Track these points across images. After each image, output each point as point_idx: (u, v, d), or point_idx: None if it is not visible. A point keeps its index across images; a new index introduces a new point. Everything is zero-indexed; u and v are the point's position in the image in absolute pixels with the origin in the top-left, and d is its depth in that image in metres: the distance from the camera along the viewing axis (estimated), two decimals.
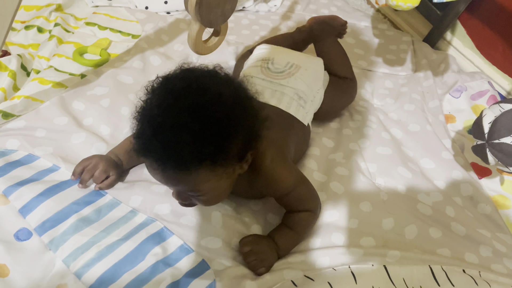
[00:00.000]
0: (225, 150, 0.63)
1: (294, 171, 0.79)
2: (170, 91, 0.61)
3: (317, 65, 0.99)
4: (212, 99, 0.61)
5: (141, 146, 0.62)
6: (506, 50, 1.22)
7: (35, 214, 0.73)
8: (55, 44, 1.12)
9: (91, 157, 0.81)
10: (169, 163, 0.61)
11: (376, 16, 1.51)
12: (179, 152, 0.60)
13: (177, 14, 1.31)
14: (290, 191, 0.76)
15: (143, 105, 0.63)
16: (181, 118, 0.59)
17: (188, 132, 0.59)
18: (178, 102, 0.60)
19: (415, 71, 1.26)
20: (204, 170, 0.63)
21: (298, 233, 0.78)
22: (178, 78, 0.64)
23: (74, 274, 0.68)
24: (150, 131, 0.60)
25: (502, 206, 0.93)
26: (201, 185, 0.65)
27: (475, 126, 0.86)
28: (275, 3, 1.44)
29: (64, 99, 0.94)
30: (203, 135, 0.60)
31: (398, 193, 0.91)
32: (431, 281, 0.73)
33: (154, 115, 0.60)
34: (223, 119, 0.61)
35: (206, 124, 0.59)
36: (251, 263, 0.73)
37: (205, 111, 0.60)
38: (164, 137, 0.59)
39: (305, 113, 0.91)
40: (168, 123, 0.59)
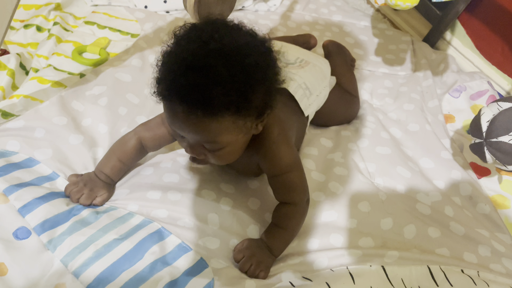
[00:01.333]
0: (250, 99, 0.62)
1: (295, 153, 0.79)
2: (199, 35, 0.61)
3: (324, 64, 1.01)
4: (242, 44, 0.61)
5: (166, 87, 0.61)
6: (505, 50, 1.22)
7: (35, 214, 0.73)
8: (54, 43, 1.11)
9: (78, 180, 0.80)
10: (196, 105, 0.60)
11: (375, 15, 1.51)
12: (207, 94, 0.58)
13: (176, 13, 1.31)
14: (285, 172, 0.75)
15: (170, 49, 0.63)
16: (211, 61, 0.58)
17: (217, 75, 0.58)
18: (209, 45, 0.59)
19: (414, 71, 1.26)
20: (227, 118, 0.62)
21: (286, 229, 0.78)
22: (207, 25, 0.63)
23: (72, 273, 0.68)
24: (179, 71, 0.59)
25: (501, 206, 0.93)
26: (221, 135, 0.64)
27: (473, 124, 0.86)
28: (274, 2, 1.44)
29: (63, 99, 0.94)
30: (232, 80, 0.59)
31: (397, 192, 0.91)
32: (429, 281, 0.73)
33: (183, 56, 0.59)
34: (252, 67, 0.60)
35: (235, 70, 0.59)
36: (248, 270, 0.73)
37: (235, 56, 0.59)
38: (193, 78, 0.58)
39: (308, 104, 0.91)
40: (197, 64, 0.58)
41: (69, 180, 0.80)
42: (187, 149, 0.69)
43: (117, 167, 0.81)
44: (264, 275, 0.73)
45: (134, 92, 1.00)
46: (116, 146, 0.83)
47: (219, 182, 0.85)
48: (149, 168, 0.86)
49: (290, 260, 0.76)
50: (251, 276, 0.73)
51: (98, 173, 0.81)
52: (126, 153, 0.81)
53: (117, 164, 0.81)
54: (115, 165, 0.81)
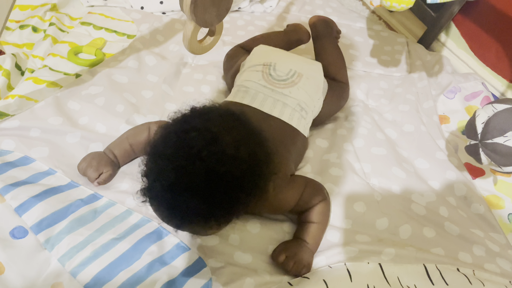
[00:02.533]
0: (232, 213, 0.63)
1: (296, 185, 0.79)
2: (186, 147, 0.58)
3: (317, 72, 0.99)
4: (229, 167, 0.57)
5: (148, 195, 0.61)
6: (499, 52, 1.22)
7: (31, 213, 0.73)
8: (49, 44, 1.11)
9: (85, 156, 0.82)
10: (174, 220, 0.61)
11: (371, 17, 1.51)
12: (187, 215, 0.59)
13: (173, 14, 1.31)
14: (298, 200, 0.77)
15: (156, 150, 0.61)
16: (194, 183, 0.57)
17: (199, 199, 0.57)
18: (194, 164, 0.56)
19: (409, 72, 1.27)
20: (208, 226, 0.63)
21: (320, 223, 0.79)
22: (195, 130, 0.59)
23: (70, 273, 0.68)
24: (160, 188, 0.58)
25: (496, 206, 0.94)
26: (205, 231, 0.68)
27: (468, 126, 0.87)
28: (270, 4, 1.45)
29: (59, 99, 0.94)
30: (214, 204, 0.58)
31: (392, 193, 0.91)
32: (425, 279, 0.73)
33: (167, 171, 0.57)
34: (237, 189, 0.59)
35: (218, 194, 0.58)
36: (292, 269, 0.73)
37: (219, 181, 0.57)
38: (174, 199, 0.58)
39: (306, 124, 0.91)
40: (179, 185, 0.57)
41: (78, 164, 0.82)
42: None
43: (127, 151, 0.83)
44: (307, 270, 0.74)
45: (131, 92, 1.00)
46: (129, 132, 0.85)
47: None
48: None
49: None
50: (296, 274, 0.73)
51: (107, 152, 0.83)
52: (138, 142, 0.83)
53: (128, 148, 0.83)
54: (125, 149, 0.83)
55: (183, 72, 1.12)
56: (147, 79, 1.06)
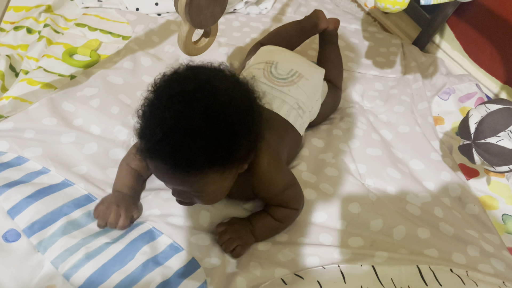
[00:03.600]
0: (235, 154, 0.63)
1: (287, 174, 0.80)
2: (181, 93, 0.60)
3: (318, 75, 0.99)
4: (225, 103, 0.60)
5: (149, 148, 0.61)
6: (493, 53, 1.23)
7: (24, 215, 0.73)
8: (44, 45, 1.11)
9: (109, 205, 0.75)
10: (179, 166, 0.60)
11: (366, 19, 1.52)
12: (191, 157, 0.59)
13: (168, 16, 1.31)
14: (280, 193, 0.77)
15: (150, 103, 0.62)
16: (194, 123, 0.58)
17: (201, 137, 0.58)
18: (190, 105, 0.58)
19: (404, 73, 1.27)
20: (212, 173, 0.63)
21: (278, 223, 0.79)
22: (186, 78, 0.62)
23: (63, 275, 0.68)
24: (161, 134, 0.58)
25: (490, 206, 0.94)
26: (207, 186, 0.65)
27: (461, 126, 0.87)
28: (266, 5, 1.45)
29: (54, 100, 0.94)
30: (216, 140, 0.59)
31: (387, 194, 0.91)
32: (418, 280, 0.74)
33: (165, 117, 0.58)
34: (235, 123, 0.61)
35: (219, 129, 0.59)
36: (225, 242, 0.74)
37: (218, 115, 0.59)
38: (176, 141, 0.58)
39: (302, 122, 0.92)
40: (180, 127, 0.58)
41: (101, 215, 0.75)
42: (174, 194, 0.70)
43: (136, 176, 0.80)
44: (239, 250, 0.74)
45: (127, 93, 1.00)
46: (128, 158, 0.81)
47: None
48: None
49: (282, 257, 0.77)
50: (226, 250, 0.74)
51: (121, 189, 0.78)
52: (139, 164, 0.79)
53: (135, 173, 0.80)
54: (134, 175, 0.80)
55: None
56: (143, 80, 1.06)
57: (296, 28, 1.12)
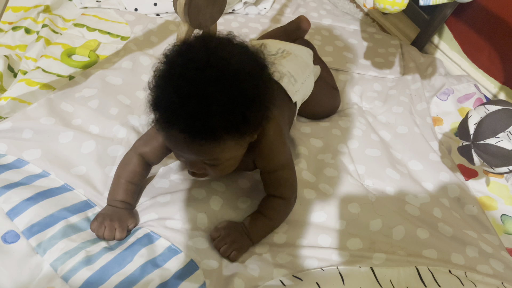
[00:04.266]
0: (250, 120, 0.63)
1: (289, 152, 0.81)
2: (194, 60, 0.60)
3: (306, 53, 1.01)
4: (237, 69, 0.60)
5: (165, 118, 0.61)
6: (492, 54, 1.23)
7: (23, 217, 0.72)
8: (42, 45, 1.11)
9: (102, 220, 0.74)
10: (198, 134, 0.60)
11: (365, 19, 1.52)
12: (209, 123, 0.59)
13: (167, 16, 1.31)
14: (279, 169, 0.78)
15: (163, 74, 0.62)
16: (209, 89, 0.58)
17: (217, 103, 0.58)
18: (204, 73, 0.58)
19: (403, 74, 1.28)
20: (229, 140, 0.63)
21: (270, 218, 0.79)
22: (197, 47, 0.62)
23: (62, 277, 0.68)
24: (177, 101, 0.58)
25: (489, 207, 0.94)
26: (223, 154, 0.66)
27: (460, 127, 0.87)
28: (264, 6, 1.45)
29: (52, 101, 0.93)
30: (231, 105, 0.59)
31: (386, 194, 0.91)
32: (417, 282, 0.74)
33: (180, 85, 0.58)
34: (249, 89, 0.61)
35: (233, 95, 0.59)
36: (221, 248, 0.74)
37: (231, 81, 0.59)
38: (192, 108, 0.58)
39: (294, 91, 0.92)
40: (195, 94, 0.58)
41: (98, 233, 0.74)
42: (188, 165, 0.70)
43: (129, 189, 0.79)
44: (235, 255, 0.74)
45: (126, 94, 1.00)
46: (120, 169, 0.80)
47: (210, 180, 0.85)
48: None
49: (281, 258, 0.76)
50: (223, 255, 0.74)
51: (114, 203, 0.77)
52: (132, 173, 0.78)
53: (129, 186, 0.79)
54: (127, 188, 0.78)
55: None
56: (142, 79, 1.05)
57: (280, 30, 1.17)
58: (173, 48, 0.64)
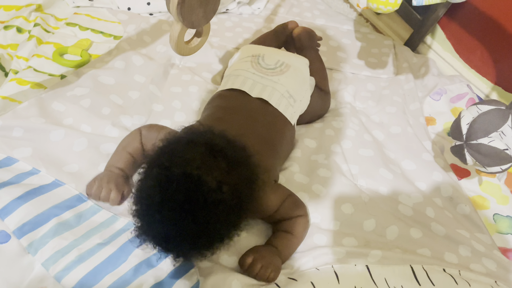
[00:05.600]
0: (225, 242, 0.66)
1: (279, 191, 0.80)
2: (171, 200, 0.60)
3: (304, 66, 1.01)
4: (215, 211, 0.61)
5: (144, 234, 0.65)
6: (484, 54, 1.24)
7: (14, 216, 0.71)
8: (34, 45, 1.10)
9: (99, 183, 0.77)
10: (170, 252, 0.67)
11: (358, 19, 1.52)
12: (182, 252, 0.65)
13: (160, 16, 1.30)
14: (279, 208, 0.77)
15: (144, 201, 0.63)
16: (185, 230, 0.61)
17: (193, 241, 0.62)
18: (181, 217, 0.60)
19: (396, 74, 1.28)
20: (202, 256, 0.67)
21: (295, 235, 0.78)
22: (176, 176, 0.60)
23: (54, 277, 0.67)
24: (154, 237, 0.64)
25: (481, 206, 0.95)
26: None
27: (453, 127, 0.88)
28: (258, 5, 1.45)
29: (43, 100, 0.92)
30: (208, 241, 0.63)
31: (379, 194, 0.91)
32: (411, 280, 0.74)
33: (158, 224, 0.61)
34: (224, 224, 0.63)
35: (210, 234, 0.62)
36: (259, 272, 0.71)
37: (208, 224, 0.61)
38: (168, 244, 0.64)
39: (293, 112, 0.92)
40: (171, 234, 0.61)
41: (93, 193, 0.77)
42: None
43: (129, 160, 0.81)
44: (274, 276, 0.72)
45: (118, 94, 0.99)
46: (124, 142, 0.83)
47: None
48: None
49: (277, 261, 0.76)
50: (261, 278, 0.71)
51: (112, 169, 0.80)
52: (135, 148, 0.81)
53: (129, 158, 0.81)
54: (127, 159, 0.81)
55: (171, 73, 1.12)
56: (134, 80, 1.05)
57: (269, 33, 1.18)
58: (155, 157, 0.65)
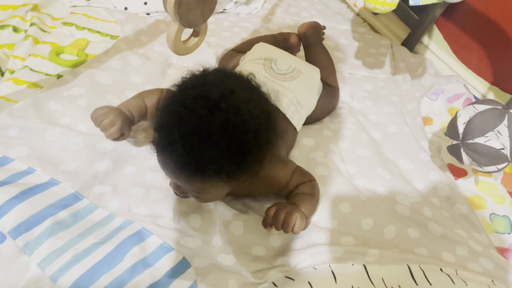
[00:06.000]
0: (244, 169, 0.63)
1: (288, 164, 0.82)
2: (205, 98, 0.59)
3: (315, 73, 1.01)
4: (245, 119, 0.60)
5: (163, 146, 0.62)
6: (481, 55, 1.24)
7: (9, 216, 0.71)
8: (30, 44, 1.09)
9: (108, 111, 0.80)
10: (188, 169, 0.61)
11: (356, 19, 1.52)
12: (201, 164, 0.60)
13: (157, 15, 1.30)
14: (288, 180, 0.79)
15: (174, 100, 0.62)
16: (212, 132, 0.58)
17: (215, 147, 0.59)
18: (212, 114, 0.58)
19: (393, 74, 1.28)
20: (218, 181, 0.63)
21: (311, 194, 0.80)
22: (213, 83, 0.62)
23: (50, 278, 0.67)
24: (178, 135, 0.59)
25: (478, 206, 0.95)
26: (209, 189, 0.67)
27: (450, 126, 0.88)
28: (256, 5, 1.45)
29: (39, 100, 0.92)
30: (229, 154, 0.60)
31: (377, 194, 0.91)
32: (409, 280, 0.74)
33: (185, 120, 0.59)
34: (250, 141, 0.61)
35: (234, 145, 0.59)
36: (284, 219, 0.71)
37: (236, 131, 0.59)
38: (191, 146, 0.59)
39: (299, 118, 0.93)
40: (197, 133, 0.58)
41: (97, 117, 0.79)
42: (173, 186, 0.72)
43: (142, 108, 0.84)
44: (301, 223, 0.72)
45: (115, 93, 0.99)
46: (146, 92, 0.87)
47: None
48: (132, 167, 0.86)
49: (274, 261, 0.76)
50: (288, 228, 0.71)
51: (123, 108, 0.82)
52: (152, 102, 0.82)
53: (142, 105, 0.84)
54: (140, 105, 0.84)
55: (168, 73, 1.12)
56: (131, 80, 1.05)
57: (269, 38, 1.16)
58: (191, 75, 0.64)
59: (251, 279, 0.72)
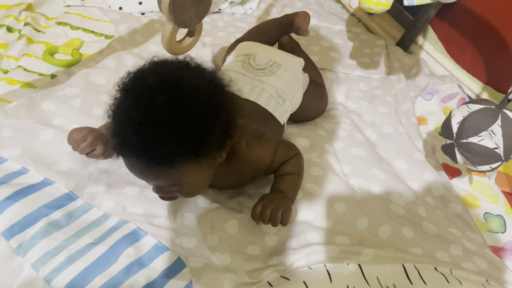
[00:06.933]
0: (207, 142, 0.63)
1: (268, 142, 0.80)
2: (146, 87, 0.61)
3: (297, 64, 1.01)
4: (189, 93, 0.61)
5: (121, 145, 0.61)
6: (475, 55, 1.25)
7: (2, 218, 0.71)
8: (24, 44, 1.09)
9: (82, 128, 0.81)
10: (152, 160, 0.61)
11: (350, 20, 1.53)
12: (163, 149, 0.59)
13: (152, 15, 1.30)
14: (272, 159, 0.78)
15: (118, 102, 0.63)
16: (161, 115, 0.59)
17: (169, 128, 0.59)
18: (156, 98, 0.59)
19: (388, 74, 1.28)
20: (188, 164, 0.63)
21: (296, 173, 0.80)
22: (151, 73, 0.63)
23: (44, 279, 0.66)
24: (130, 129, 0.59)
25: (472, 205, 0.95)
26: (185, 178, 0.66)
27: (444, 126, 0.88)
28: (251, 5, 1.45)
29: (33, 99, 0.92)
30: (185, 130, 0.60)
31: (372, 193, 0.92)
32: (404, 279, 0.74)
33: (132, 113, 0.59)
34: (202, 112, 0.61)
35: (186, 119, 0.60)
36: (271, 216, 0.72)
37: (183, 106, 0.60)
38: (146, 135, 0.59)
39: (282, 111, 0.92)
40: (148, 121, 0.59)
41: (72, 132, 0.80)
42: (154, 189, 0.71)
43: None
44: (286, 216, 0.72)
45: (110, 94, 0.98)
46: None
47: None
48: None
49: (270, 260, 0.76)
50: (275, 222, 0.72)
51: (103, 129, 0.81)
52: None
53: None
54: None
55: None
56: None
57: (273, 23, 1.16)
58: (128, 75, 0.65)
59: (246, 278, 0.72)
